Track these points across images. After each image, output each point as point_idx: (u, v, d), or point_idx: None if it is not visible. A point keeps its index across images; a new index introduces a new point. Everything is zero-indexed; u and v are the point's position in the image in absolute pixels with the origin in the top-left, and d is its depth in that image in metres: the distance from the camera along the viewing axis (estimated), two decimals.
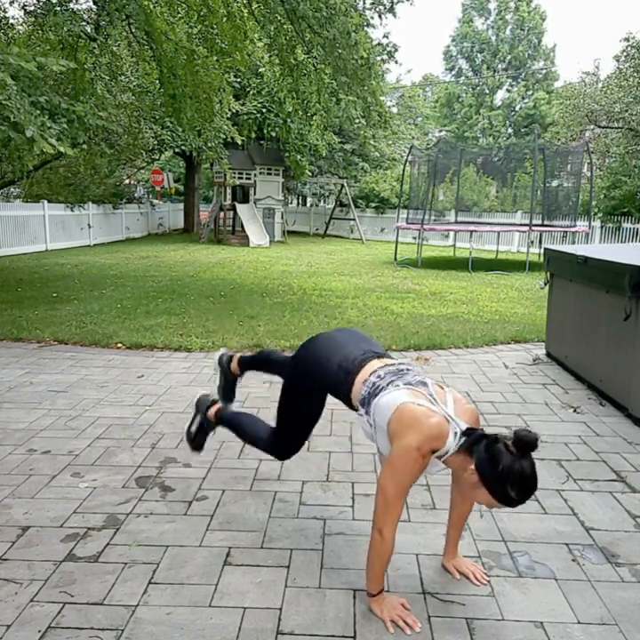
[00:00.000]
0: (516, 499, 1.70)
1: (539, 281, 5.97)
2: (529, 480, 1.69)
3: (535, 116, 33.90)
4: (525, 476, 1.68)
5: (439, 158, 14.03)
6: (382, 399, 1.87)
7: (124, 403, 3.80)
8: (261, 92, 17.03)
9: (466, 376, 4.49)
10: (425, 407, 1.80)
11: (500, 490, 1.69)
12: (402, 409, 1.80)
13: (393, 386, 1.89)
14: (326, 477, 2.79)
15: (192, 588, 1.98)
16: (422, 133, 31.72)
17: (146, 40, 8.83)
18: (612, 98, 17.65)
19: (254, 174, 18.29)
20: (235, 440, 3.21)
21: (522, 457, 1.68)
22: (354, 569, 2.09)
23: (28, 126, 5.08)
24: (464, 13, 36.41)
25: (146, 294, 7.85)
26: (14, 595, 1.94)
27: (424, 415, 1.77)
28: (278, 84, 9.76)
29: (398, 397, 1.84)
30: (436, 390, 1.90)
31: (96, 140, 12.21)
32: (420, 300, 7.78)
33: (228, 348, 5.21)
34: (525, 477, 1.68)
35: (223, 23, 8.62)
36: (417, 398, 1.83)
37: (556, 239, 15.33)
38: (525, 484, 1.69)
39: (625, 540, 2.29)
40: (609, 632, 1.80)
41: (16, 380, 4.24)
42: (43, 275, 9.78)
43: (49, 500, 2.54)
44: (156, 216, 21.61)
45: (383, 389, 1.90)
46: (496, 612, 1.88)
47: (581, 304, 4.41)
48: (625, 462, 3.00)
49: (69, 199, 15.46)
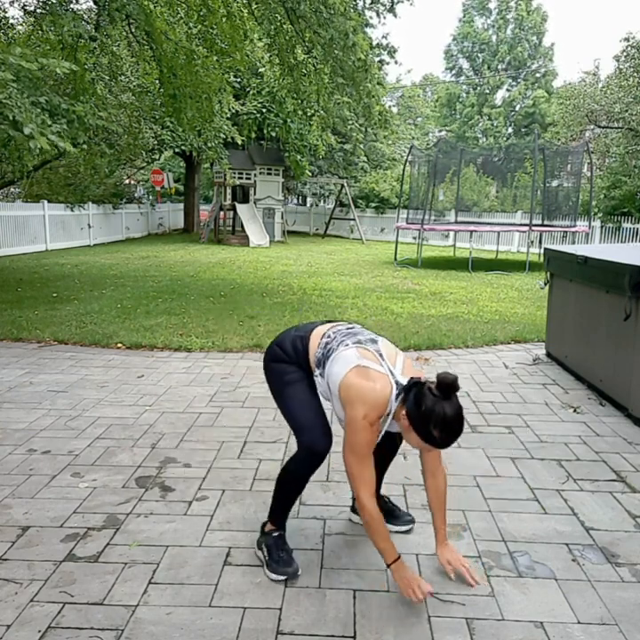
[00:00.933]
0: (439, 439, 1.79)
1: (539, 281, 5.97)
2: (451, 421, 1.77)
3: (535, 115, 33.89)
4: (447, 416, 1.76)
5: (439, 158, 14.03)
6: (333, 367, 1.94)
7: (124, 403, 3.80)
8: (261, 92, 17.04)
9: (466, 376, 4.49)
10: (371, 369, 1.87)
11: (423, 430, 1.79)
12: (349, 378, 1.87)
13: (343, 345, 1.96)
14: (326, 477, 2.79)
15: (192, 588, 1.98)
16: (422, 133, 31.73)
17: (146, 40, 8.83)
18: (611, 98, 17.66)
19: (254, 174, 18.29)
20: (235, 440, 3.22)
21: (444, 399, 1.78)
22: (354, 569, 2.09)
23: (27, 124, 5.08)
24: (464, 13, 36.42)
25: (146, 294, 7.85)
26: (14, 595, 1.94)
27: (369, 387, 1.84)
28: (278, 84, 9.76)
29: (346, 363, 1.90)
30: (387, 351, 1.97)
31: (96, 140, 12.21)
32: (420, 300, 7.78)
33: (228, 347, 5.22)
34: (447, 418, 1.76)
35: (223, 23, 8.62)
36: (364, 358, 1.90)
37: (556, 239, 15.33)
38: (448, 424, 1.77)
39: (625, 540, 2.29)
40: (609, 632, 1.80)
41: (16, 380, 4.24)
42: (43, 275, 9.78)
43: (49, 499, 2.54)
44: (155, 216, 21.61)
45: (334, 351, 1.97)
46: (496, 612, 1.88)
47: (581, 304, 4.41)
48: (625, 462, 2.99)
49: (69, 199, 15.47)
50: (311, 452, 2.01)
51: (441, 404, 1.77)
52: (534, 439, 3.28)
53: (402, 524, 2.35)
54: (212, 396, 3.95)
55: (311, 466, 2.03)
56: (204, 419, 3.54)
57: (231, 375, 4.44)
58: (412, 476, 2.80)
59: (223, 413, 3.63)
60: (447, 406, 1.77)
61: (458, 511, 2.48)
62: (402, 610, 1.89)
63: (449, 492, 2.66)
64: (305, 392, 2.08)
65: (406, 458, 2.96)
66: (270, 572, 2.03)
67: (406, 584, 1.86)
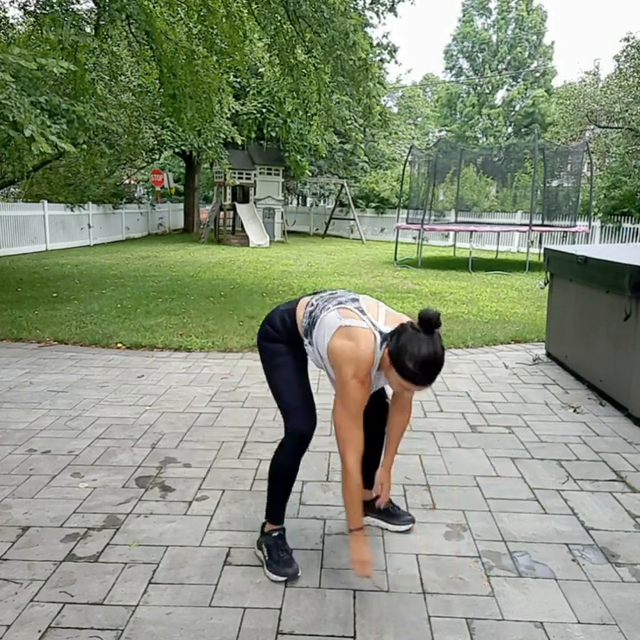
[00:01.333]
0: (413, 373, 1.78)
1: (539, 281, 5.97)
2: (427, 355, 1.76)
3: (535, 114, 33.89)
4: (423, 350, 1.76)
5: (439, 158, 14.03)
6: (319, 333, 1.99)
7: (124, 403, 3.80)
8: (261, 92, 17.04)
9: (466, 376, 4.49)
10: (353, 327, 1.90)
11: (400, 362, 1.79)
12: (333, 342, 1.91)
13: (325, 310, 2.00)
14: (326, 477, 2.79)
15: (192, 588, 1.98)
16: (422, 133, 31.72)
17: (146, 40, 8.83)
18: (611, 98, 17.65)
19: (254, 174, 18.29)
20: (235, 440, 3.22)
21: (424, 333, 1.78)
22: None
23: (28, 125, 5.08)
24: (464, 13, 36.42)
25: (146, 294, 7.85)
26: (14, 595, 1.94)
27: (352, 346, 1.86)
28: (278, 84, 9.76)
29: (330, 327, 1.94)
30: (368, 305, 2.00)
31: (96, 140, 12.20)
32: (420, 300, 7.78)
33: (228, 347, 5.22)
34: (423, 351, 1.76)
35: (223, 23, 8.62)
36: (346, 318, 1.93)
37: (556, 239, 15.32)
38: (423, 358, 1.76)
39: (625, 540, 2.29)
40: (609, 632, 1.80)
41: (16, 380, 4.24)
42: (43, 275, 9.78)
43: (49, 499, 2.54)
44: (155, 216, 21.60)
45: (317, 317, 2.01)
46: (496, 612, 1.88)
47: (581, 304, 4.41)
48: (625, 462, 3.00)
49: (69, 199, 15.47)
50: (295, 437, 2.06)
51: (418, 336, 1.77)
52: (534, 439, 3.28)
53: (401, 524, 2.35)
54: (212, 396, 3.95)
55: (298, 450, 2.07)
56: (203, 419, 3.54)
57: (231, 375, 4.44)
58: (412, 476, 2.80)
59: (223, 413, 3.63)
60: (425, 340, 1.77)
61: (458, 511, 2.48)
62: (402, 610, 1.89)
63: (449, 492, 2.67)
64: (295, 374, 2.12)
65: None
66: (270, 573, 2.03)
67: (357, 557, 1.92)
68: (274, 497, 2.13)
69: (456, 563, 2.14)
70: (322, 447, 3.11)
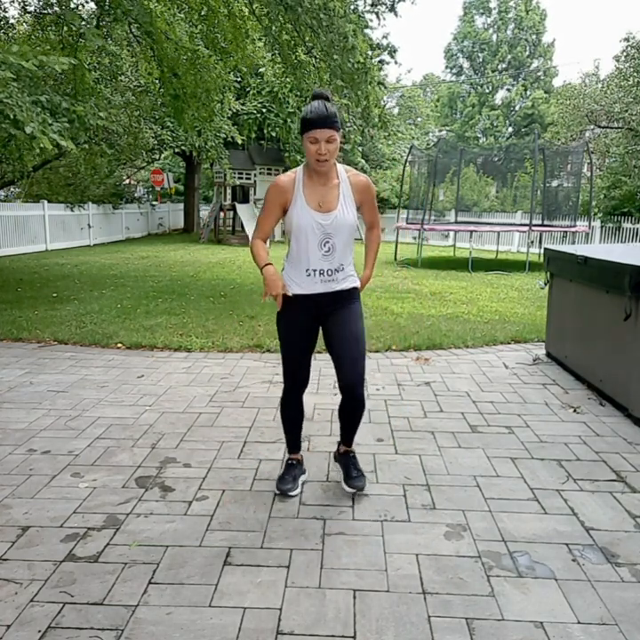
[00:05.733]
0: (301, 120, 2.32)
1: (539, 281, 5.97)
2: (309, 105, 2.32)
3: (534, 115, 33.91)
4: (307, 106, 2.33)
5: (439, 158, 14.03)
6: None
7: (124, 403, 3.80)
8: (261, 92, 17.02)
9: (466, 376, 4.49)
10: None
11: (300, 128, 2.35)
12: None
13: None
14: (326, 477, 2.79)
15: (192, 588, 1.98)
16: (422, 133, 31.70)
17: (146, 40, 8.82)
18: (612, 98, 17.66)
19: (254, 174, 18.29)
20: (235, 440, 3.22)
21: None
22: (354, 569, 2.09)
23: (29, 123, 5.08)
24: (465, 12, 36.43)
25: (146, 294, 7.85)
26: (14, 595, 1.94)
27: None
28: (280, 82, 9.74)
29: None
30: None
31: (96, 140, 12.21)
32: (420, 300, 7.78)
33: (228, 348, 5.22)
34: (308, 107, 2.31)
35: (224, 23, 8.62)
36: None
37: (556, 239, 15.32)
38: (306, 108, 2.31)
39: (625, 540, 2.29)
40: (609, 632, 1.80)
41: (16, 380, 4.24)
42: (43, 275, 9.78)
43: (49, 499, 2.54)
44: (155, 216, 21.61)
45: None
46: (496, 612, 1.88)
47: (581, 304, 4.41)
48: (625, 462, 2.99)
49: (69, 199, 15.47)
50: (284, 394, 2.65)
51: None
52: (534, 439, 3.28)
53: (348, 487, 2.61)
54: (212, 396, 3.95)
55: (284, 399, 2.65)
56: (204, 419, 3.54)
57: (231, 375, 4.44)
58: (412, 476, 2.81)
59: (223, 413, 3.63)
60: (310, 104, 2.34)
61: (458, 511, 2.48)
62: (402, 610, 1.89)
63: (449, 492, 2.67)
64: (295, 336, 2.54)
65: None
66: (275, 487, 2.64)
67: (269, 282, 2.35)
68: (284, 428, 2.72)
69: (456, 563, 2.14)
70: (322, 447, 3.11)
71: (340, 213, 2.39)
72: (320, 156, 2.29)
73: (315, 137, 2.28)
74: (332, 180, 2.42)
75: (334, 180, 2.43)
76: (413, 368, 4.69)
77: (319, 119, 2.25)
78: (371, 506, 2.52)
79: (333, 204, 2.39)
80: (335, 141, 2.30)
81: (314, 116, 2.26)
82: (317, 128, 2.26)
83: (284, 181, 2.40)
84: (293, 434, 2.72)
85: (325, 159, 2.31)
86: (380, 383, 4.26)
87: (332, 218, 2.38)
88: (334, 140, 2.30)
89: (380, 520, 2.41)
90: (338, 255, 2.44)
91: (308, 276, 2.44)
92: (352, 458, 2.71)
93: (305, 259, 2.43)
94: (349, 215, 2.42)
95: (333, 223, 2.38)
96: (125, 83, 12.09)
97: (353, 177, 2.46)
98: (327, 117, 2.26)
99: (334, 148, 2.32)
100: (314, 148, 2.29)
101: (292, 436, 2.72)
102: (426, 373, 4.55)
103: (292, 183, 2.40)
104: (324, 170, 2.35)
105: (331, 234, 2.39)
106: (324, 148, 2.28)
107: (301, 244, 2.42)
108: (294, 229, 2.42)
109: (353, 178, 2.46)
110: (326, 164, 2.33)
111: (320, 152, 2.29)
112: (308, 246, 2.41)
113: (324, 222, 2.38)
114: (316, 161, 2.31)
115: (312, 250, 2.41)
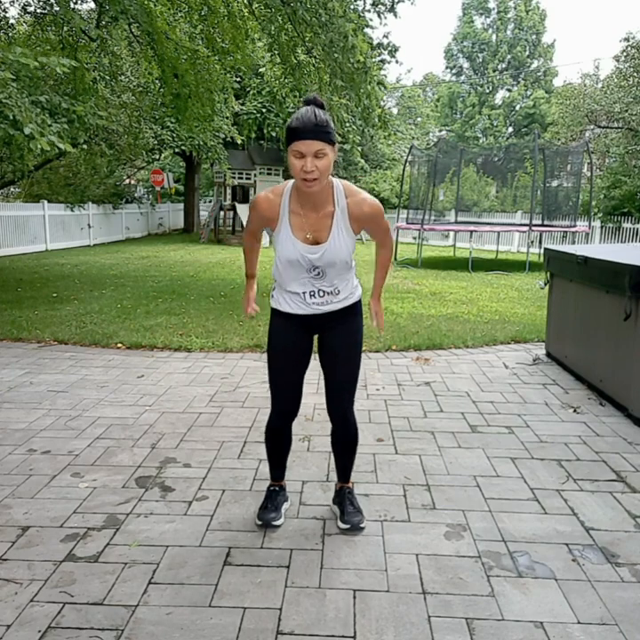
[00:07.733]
0: (287, 129, 1.90)
1: (539, 281, 5.97)
2: (296, 113, 1.93)
3: (535, 115, 33.91)
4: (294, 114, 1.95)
5: (439, 158, 14.03)
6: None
7: (124, 403, 3.80)
8: (261, 92, 17.02)
9: (466, 376, 4.49)
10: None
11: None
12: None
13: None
14: (326, 477, 2.79)
15: (192, 588, 1.98)
16: (422, 133, 31.71)
17: (147, 40, 8.83)
18: (611, 98, 17.67)
19: (254, 174, 18.29)
20: (235, 440, 3.22)
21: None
22: (354, 569, 2.09)
23: (28, 124, 5.07)
24: (464, 12, 36.43)
25: (146, 294, 7.85)
26: (14, 595, 1.94)
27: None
28: (279, 83, 9.73)
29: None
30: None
31: (96, 140, 12.21)
32: (420, 300, 7.78)
33: (228, 348, 5.22)
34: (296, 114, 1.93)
35: (224, 23, 8.62)
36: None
37: (556, 239, 15.32)
38: (293, 116, 1.93)
39: (625, 540, 2.29)
40: (609, 632, 1.80)
41: (16, 380, 4.24)
42: (43, 275, 9.78)
43: (49, 499, 2.54)
44: (155, 216, 21.61)
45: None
46: (496, 612, 1.88)
47: (581, 304, 4.41)
48: (625, 462, 2.99)
49: (69, 199, 15.46)
50: (269, 423, 2.38)
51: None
52: (534, 439, 3.28)
53: (343, 523, 2.32)
54: (212, 396, 3.95)
55: (269, 427, 2.37)
56: (204, 419, 3.54)
57: (231, 375, 4.44)
58: (412, 476, 2.80)
59: (223, 413, 3.63)
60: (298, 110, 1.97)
61: (458, 511, 2.48)
62: (402, 610, 1.89)
63: (449, 492, 2.67)
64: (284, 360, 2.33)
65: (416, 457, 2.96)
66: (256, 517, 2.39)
67: (242, 303, 2.46)
68: (267, 455, 2.45)
69: (456, 563, 2.14)
70: (322, 447, 3.11)
71: (330, 246, 2.05)
72: (306, 174, 1.88)
73: (299, 151, 1.86)
74: (325, 206, 2.03)
75: (328, 208, 2.03)
76: (413, 368, 4.69)
77: (305, 129, 1.84)
78: (371, 506, 2.52)
79: (323, 235, 2.04)
80: (326, 157, 1.88)
81: (299, 125, 1.85)
82: (303, 139, 1.85)
83: (265, 208, 2.06)
84: (278, 462, 2.43)
85: (313, 178, 1.89)
86: (379, 383, 4.26)
87: (320, 251, 2.05)
88: (324, 156, 1.87)
89: (379, 520, 2.41)
90: (330, 278, 2.13)
91: (297, 297, 2.17)
92: (348, 493, 2.42)
93: (290, 283, 2.15)
94: (342, 248, 2.06)
95: (322, 257, 2.06)
96: (125, 83, 12.08)
97: (354, 205, 2.04)
98: (315, 126, 1.84)
99: (325, 165, 1.88)
100: (299, 165, 1.88)
101: (277, 463, 2.43)
102: (426, 373, 4.55)
103: (276, 208, 2.05)
104: (312, 191, 1.94)
105: (320, 266, 2.08)
106: (311, 165, 1.86)
107: (287, 271, 2.13)
108: (278, 254, 2.10)
109: (354, 206, 2.04)
110: (315, 185, 1.91)
111: (305, 169, 1.87)
112: (294, 274, 2.13)
113: (310, 256, 2.06)
114: (302, 180, 1.91)
115: (300, 275, 2.12)
